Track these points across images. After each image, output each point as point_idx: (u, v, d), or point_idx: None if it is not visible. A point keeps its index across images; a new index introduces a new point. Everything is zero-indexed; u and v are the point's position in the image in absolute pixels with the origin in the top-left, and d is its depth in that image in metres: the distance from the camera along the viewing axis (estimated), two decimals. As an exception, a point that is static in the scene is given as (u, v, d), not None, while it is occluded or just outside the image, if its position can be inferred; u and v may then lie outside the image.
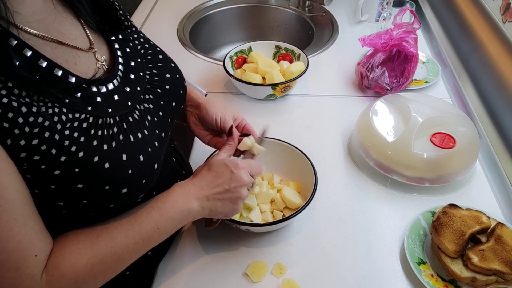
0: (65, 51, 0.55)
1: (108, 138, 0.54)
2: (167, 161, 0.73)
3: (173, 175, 0.76)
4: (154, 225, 0.58)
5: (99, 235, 0.55)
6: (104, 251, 0.54)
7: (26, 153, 0.47)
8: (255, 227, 0.72)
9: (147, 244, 0.59)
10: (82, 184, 0.52)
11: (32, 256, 0.49)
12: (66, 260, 0.52)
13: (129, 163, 0.55)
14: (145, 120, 0.60)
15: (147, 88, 0.64)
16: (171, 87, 0.67)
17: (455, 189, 0.84)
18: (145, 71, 0.65)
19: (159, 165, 0.61)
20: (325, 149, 0.93)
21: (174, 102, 0.68)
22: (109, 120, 0.55)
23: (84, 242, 0.54)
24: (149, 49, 0.69)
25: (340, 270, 0.70)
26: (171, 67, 0.70)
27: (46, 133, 0.48)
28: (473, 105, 0.98)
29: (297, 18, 1.48)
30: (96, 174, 0.53)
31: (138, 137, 0.58)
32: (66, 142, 0.50)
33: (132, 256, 0.58)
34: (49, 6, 0.55)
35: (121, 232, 0.56)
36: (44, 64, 0.51)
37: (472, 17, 1.07)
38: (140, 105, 0.61)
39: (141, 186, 0.58)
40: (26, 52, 0.50)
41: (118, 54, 0.62)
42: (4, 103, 0.45)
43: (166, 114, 0.65)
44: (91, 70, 0.58)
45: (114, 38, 0.64)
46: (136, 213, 0.59)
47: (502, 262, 0.65)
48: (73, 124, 0.51)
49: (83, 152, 0.51)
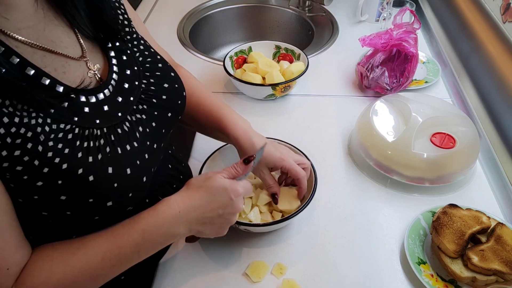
0: (54, 59, 0.54)
1: (94, 150, 0.52)
2: (162, 169, 0.71)
3: (169, 182, 0.74)
4: (134, 248, 0.56)
5: (74, 254, 0.53)
6: (77, 273, 0.52)
7: (8, 163, 0.46)
8: (254, 227, 0.72)
9: (124, 266, 0.57)
10: (65, 196, 0.50)
11: (4, 269, 0.48)
12: (35, 278, 0.51)
13: (115, 176, 0.53)
14: (135, 132, 0.58)
15: (141, 98, 0.62)
16: (168, 97, 0.65)
17: (455, 189, 0.84)
18: (141, 80, 0.63)
19: (148, 177, 0.59)
20: (325, 149, 0.93)
21: (170, 113, 0.65)
22: (96, 131, 0.54)
23: (57, 260, 0.52)
24: (148, 57, 0.66)
25: (340, 270, 0.70)
26: (170, 76, 0.68)
27: (29, 144, 0.47)
28: (473, 105, 0.98)
29: (297, 18, 1.48)
30: (80, 187, 0.51)
31: (127, 149, 0.56)
32: (49, 153, 0.49)
33: (106, 278, 0.56)
34: (39, 12, 0.53)
35: (98, 254, 0.54)
36: (32, 72, 0.50)
37: (472, 17, 1.07)
38: (131, 116, 0.59)
39: (127, 199, 0.56)
40: (14, 59, 0.49)
41: (113, 63, 0.60)
42: None
43: (160, 125, 0.63)
44: (81, 79, 0.56)
45: (111, 46, 0.62)
46: (117, 233, 0.56)
47: (502, 262, 0.65)
48: (58, 135, 0.50)
49: (67, 164, 0.50)
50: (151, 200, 0.66)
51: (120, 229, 0.56)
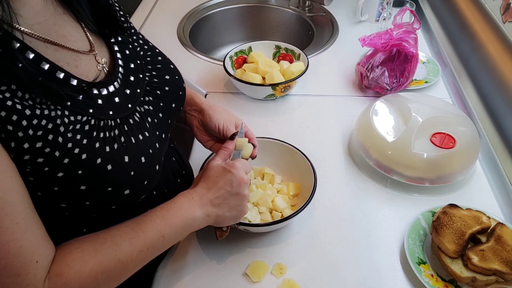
0: (66, 53, 0.55)
1: (110, 140, 0.54)
2: (167, 161, 0.73)
3: (173, 174, 0.76)
4: (158, 232, 0.58)
5: (104, 243, 0.54)
6: (109, 259, 0.54)
7: (29, 155, 0.47)
8: (254, 227, 0.72)
9: (151, 252, 0.58)
10: (85, 186, 0.52)
11: (34, 262, 0.48)
12: (69, 268, 0.51)
13: (131, 164, 0.55)
14: (145, 122, 0.60)
15: (147, 90, 0.64)
16: (170, 88, 0.67)
17: (455, 189, 0.84)
18: (144, 73, 0.65)
19: (160, 165, 0.61)
20: (325, 149, 0.93)
21: (174, 104, 0.68)
22: (111, 122, 0.55)
23: (88, 250, 0.53)
24: (148, 51, 0.69)
25: (340, 270, 0.70)
26: (170, 68, 0.70)
27: (50, 136, 0.48)
28: (473, 105, 0.98)
29: (297, 18, 1.48)
30: (99, 176, 0.53)
31: (139, 139, 0.58)
32: (69, 144, 0.50)
33: (136, 265, 0.57)
34: (50, 8, 0.55)
35: (126, 240, 0.55)
36: (46, 66, 0.51)
37: (472, 17, 1.07)
38: (140, 107, 0.61)
39: (143, 187, 0.58)
40: (29, 54, 0.50)
41: (118, 57, 0.62)
42: (8, 105, 0.45)
43: (166, 116, 0.66)
44: (92, 73, 0.58)
45: (114, 41, 0.64)
46: (140, 220, 0.58)
47: (502, 262, 0.65)
48: (76, 127, 0.51)
49: (86, 154, 0.51)
50: (158, 192, 0.69)
51: (142, 217, 0.59)
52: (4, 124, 0.45)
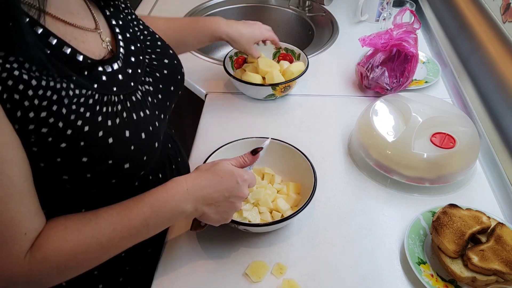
0: (73, 30, 0.57)
1: (112, 115, 0.56)
2: (164, 146, 0.74)
3: (169, 161, 0.76)
4: (143, 221, 0.58)
5: (87, 224, 0.55)
6: (90, 242, 0.54)
7: (34, 125, 0.49)
8: (253, 227, 0.72)
9: (134, 239, 0.59)
10: (86, 158, 0.53)
11: (22, 234, 0.50)
12: (50, 244, 0.52)
13: (132, 139, 0.57)
14: (146, 101, 0.62)
15: (147, 71, 0.66)
16: (169, 72, 0.70)
17: (455, 189, 0.84)
18: (144, 55, 0.67)
19: (159, 144, 0.63)
20: (325, 149, 0.93)
21: (173, 87, 0.70)
22: (114, 98, 0.57)
23: (71, 229, 0.54)
24: (148, 36, 0.71)
25: (340, 270, 0.70)
26: (169, 53, 0.73)
27: (54, 107, 0.50)
28: (473, 105, 0.98)
29: (297, 18, 1.48)
30: (100, 149, 0.54)
31: (140, 115, 0.60)
32: (72, 116, 0.51)
33: (117, 249, 0.58)
34: None
35: (110, 225, 0.56)
36: (54, 41, 0.53)
37: (472, 17, 1.07)
38: (141, 86, 0.63)
39: (142, 162, 0.60)
40: (37, 29, 0.51)
41: (119, 38, 0.64)
42: (16, 75, 0.47)
43: (165, 97, 0.68)
44: (97, 50, 0.60)
45: (115, 23, 0.66)
46: (127, 206, 0.58)
47: (502, 262, 0.65)
48: (80, 100, 0.53)
49: (88, 126, 0.53)
50: (153, 177, 0.69)
51: (130, 202, 0.59)
52: (11, 93, 0.47)
